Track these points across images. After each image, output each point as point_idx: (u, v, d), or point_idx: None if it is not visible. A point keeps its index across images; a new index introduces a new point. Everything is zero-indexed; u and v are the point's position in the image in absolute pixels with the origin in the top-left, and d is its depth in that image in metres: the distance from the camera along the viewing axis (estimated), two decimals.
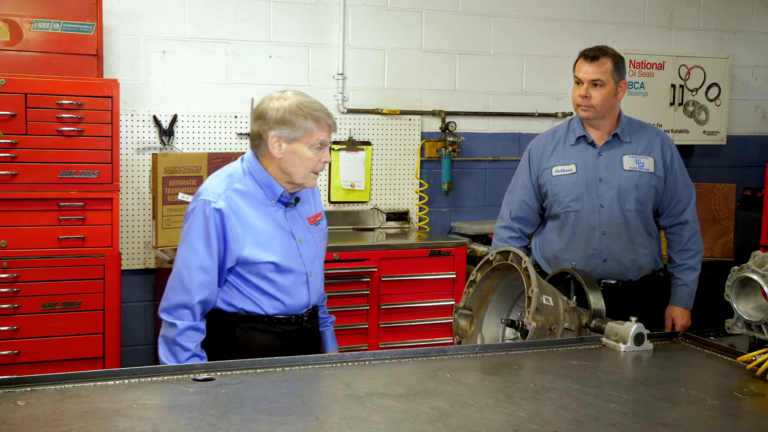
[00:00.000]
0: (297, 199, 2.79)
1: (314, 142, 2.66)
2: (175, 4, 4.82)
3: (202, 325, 2.66)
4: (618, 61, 3.45)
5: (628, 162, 3.46)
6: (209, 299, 2.66)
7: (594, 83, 3.41)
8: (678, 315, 3.52)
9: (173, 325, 2.62)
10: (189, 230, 2.66)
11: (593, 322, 2.75)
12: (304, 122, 2.64)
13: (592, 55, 3.42)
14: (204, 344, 2.67)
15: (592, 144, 3.50)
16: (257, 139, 2.69)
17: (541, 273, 3.35)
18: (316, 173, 2.74)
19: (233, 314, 2.71)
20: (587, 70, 3.41)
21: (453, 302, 4.66)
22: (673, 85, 5.89)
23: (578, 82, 3.45)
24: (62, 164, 4.04)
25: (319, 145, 2.68)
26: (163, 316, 2.66)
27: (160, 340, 2.67)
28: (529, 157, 3.62)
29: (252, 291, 2.70)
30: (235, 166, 2.76)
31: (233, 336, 2.70)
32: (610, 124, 3.51)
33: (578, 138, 3.51)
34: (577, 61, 3.49)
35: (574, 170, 3.48)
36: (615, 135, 3.49)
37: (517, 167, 3.69)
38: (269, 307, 2.71)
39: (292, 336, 2.77)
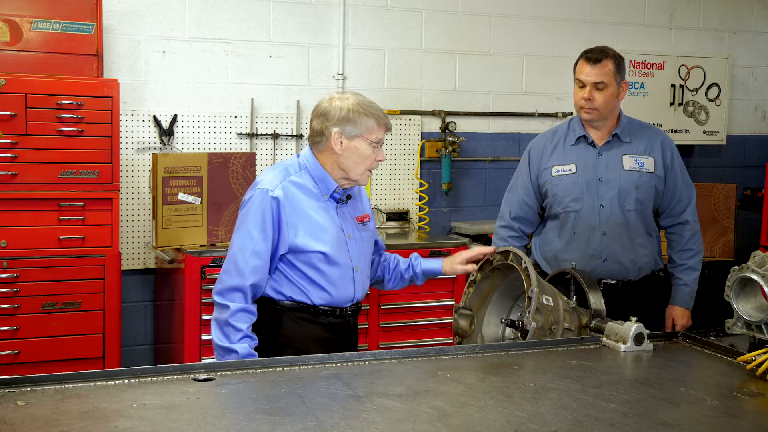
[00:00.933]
0: (348, 197, 2.89)
1: (373, 139, 2.79)
2: (175, 4, 4.82)
3: (253, 308, 2.75)
4: (619, 61, 3.44)
5: (628, 162, 3.46)
6: (260, 284, 2.75)
7: (597, 86, 3.39)
8: (678, 315, 3.52)
9: (226, 306, 2.70)
10: (246, 217, 2.76)
11: (593, 322, 2.75)
12: (366, 120, 2.76)
13: (595, 57, 3.40)
14: (252, 330, 2.75)
15: (592, 144, 3.49)
16: (318, 136, 2.80)
17: (541, 273, 3.35)
18: (371, 171, 2.85)
19: (281, 303, 2.79)
20: (590, 73, 3.40)
21: (453, 302, 4.66)
22: (673, 85, 5.89)
23: (581, 84, 3.44)
24: (62, 164, 4.04)
25: (377, 143, 2.80)
26: (216, 298, 2.74)
27: (212, 323, 2.76)
28: (528, 156, 3.62)
29: (300, 280, 2.78)
30: (291, 161, 2.88)
31: (280, 324, 2.78)
32: (611, 124, 3.50)
33: (578, 138, 3.51)
34: (578, 62, 3.48)
35: (574, 170, 3.48)
36: (615, 135, 3.48)
37: (517, 167, 3.69)
38: (316, 297, 2.80)
39: (336, 329, 2.85)
